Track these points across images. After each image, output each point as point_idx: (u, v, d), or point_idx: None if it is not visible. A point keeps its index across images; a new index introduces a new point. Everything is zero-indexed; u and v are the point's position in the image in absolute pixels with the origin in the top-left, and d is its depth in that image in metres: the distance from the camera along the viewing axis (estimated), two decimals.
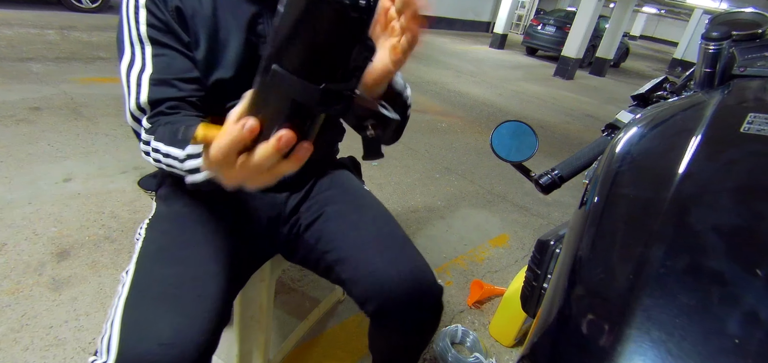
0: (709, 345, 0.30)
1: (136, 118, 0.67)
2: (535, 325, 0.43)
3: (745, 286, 0.33)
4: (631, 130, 0.63)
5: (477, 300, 1.55)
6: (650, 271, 0.36)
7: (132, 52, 0.66)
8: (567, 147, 3.78)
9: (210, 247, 0.71)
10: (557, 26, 9.60)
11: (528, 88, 6.35)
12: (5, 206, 1.58)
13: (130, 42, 0.66)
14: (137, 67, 0.66)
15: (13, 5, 4.88)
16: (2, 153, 1.91)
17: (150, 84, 0.65)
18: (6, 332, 1.11)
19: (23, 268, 1.32)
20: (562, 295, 0.41)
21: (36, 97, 2.56)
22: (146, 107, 0.65)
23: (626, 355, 0.30)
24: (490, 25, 14.24)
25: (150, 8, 0.66)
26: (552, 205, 2.52)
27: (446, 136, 3.42)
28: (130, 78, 0.66)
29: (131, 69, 0.66)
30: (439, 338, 1.31)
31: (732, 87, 0.75)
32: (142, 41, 0.66)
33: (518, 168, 0.92)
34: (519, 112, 4.78)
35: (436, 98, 4.58)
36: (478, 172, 2.80)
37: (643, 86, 1.06)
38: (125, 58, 0.66)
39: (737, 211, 0.41)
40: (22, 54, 3.32)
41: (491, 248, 1.96)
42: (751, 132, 0.51)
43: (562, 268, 0.45)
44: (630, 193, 0.49)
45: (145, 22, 0.65)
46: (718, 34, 0.81)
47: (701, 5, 11.69)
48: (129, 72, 0.66)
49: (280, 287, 1.44)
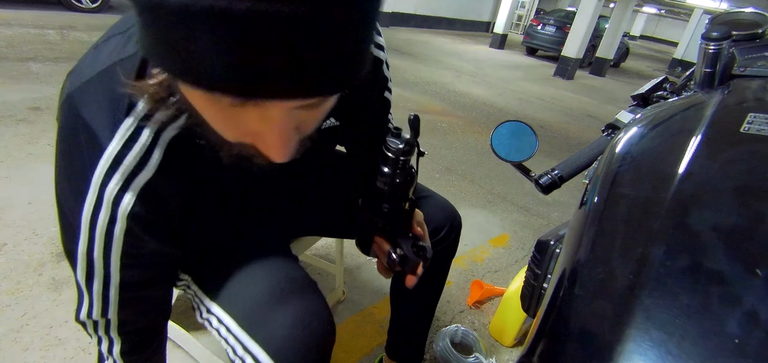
0: (709, 345, 0.30)
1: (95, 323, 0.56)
2: (535, 325, 0.43)
3: (745, 286, 0.33)
4: (631, 130, 0.63)
5: (477, 300, 1.55)
6: (650, 271, 0.36)
7: (88, 268, 0.51)
8: (567, 147, 3.78)
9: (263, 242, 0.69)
10: (557, 26, 9.60)
11: (528, 88, 6.35)
12: (5, 206, 1.58)
13: (88, 257, 0.49)
14: (98, 283, 0.52)
15: (13, 5, 4.88)
16: (2, 153, 1.91)
17: (118, 307, 0.53)
18: (6, 332, 1.11)
19: (23, 268, 1.32)
20: (562, 295, 0.41)
21: (36, 97, 2.56)
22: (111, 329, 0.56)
23: (626, 355, 0.30)
24: (490, 25, 14.24)
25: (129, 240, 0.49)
26: (552, 205, 2.51)
27: (446, 136, 3.42)
28: (91, 290, 0.52)
29: (92, 282, 0.52)
30: (439, 338, 1.31)
31: (732, 87, 0.75)
32: (109, 267, 0.51)
33: (518, 168, 0.92)
34: (519, 112, 4.78)
35: (436, 98, 4.58)
36: (478, 172, 2.80)
37: (643, 86, 1.06)
38: (79, 268, 0.51)
39: (737, 211, 0.41)
40: (22, 54, 3.32)
41: (491, 248, 1.96)
42: (751, 132, 0.51)
43: (562, 268, 0.45)
44: (630, 193, 0.49)
45: (120, 252, 0.50)
46: (718, 34, 0.81)
47: (701, 5, 11.69)
48: (89, 283, 0.52)
49: None
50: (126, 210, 0.47)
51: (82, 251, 0.49)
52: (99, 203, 0.47)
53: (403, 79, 5.14)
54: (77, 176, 0.47)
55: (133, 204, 0.47)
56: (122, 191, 0.47)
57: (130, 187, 0.47)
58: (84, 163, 0.47)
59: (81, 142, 0.46)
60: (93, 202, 0.47)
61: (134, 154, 0.46)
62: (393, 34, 9.52)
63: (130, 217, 0.48)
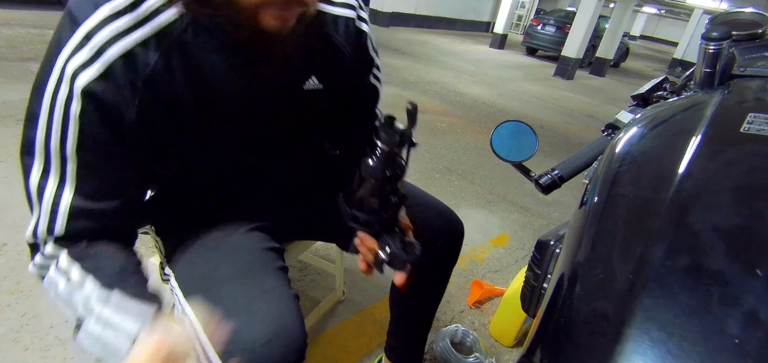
0: (709, 345, 0.30)
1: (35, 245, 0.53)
2: (535, 325, 0.43)
3: (745, 286, 0.33)
4: (631, 130, 0.63)
5: (477, 300, 1.55)
6: (650, 271, 0.36)
7: (45, 163, 0.49)
8: (567, 147, 3.78)
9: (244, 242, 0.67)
10: (557, 26, 9.60)
11: (528, 88, 6.35)
12: (5, 206, 1.58)
13: (46, 151, 0.49)
14: (52, 184, 0.50)
15: (13, 5, 4.88)
16: (2, 153, 1.91)
17: (69, 215, 0.50)
18: (6, 332, 1.11)
19: (23, 268, 1.32)
20: (562, 295, 0.41)
21: None
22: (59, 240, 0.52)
23: (626, 355, 0.30)
24: (490, 25, 14.24)
25: (86, 124, 0.48)
26: (552, 205, 2.51)
27: (446, 136, 3.42)
28: (42, 197, 0.50)
29: (44, 187, 0.50)
30: (439, 338, 1.31)
31: (732, 87, 0.75)
32: (65, 157, 0.49)
33: (518, 168, 0.92)
34: (519, 112, 4.78)
35: (436, 98, 4.58)
36: (478, 172, 2.80)
37: (643, 86, 1.06)
38: (35, 169, 0.50)
39: (737, 211, 0.41)
40: (22, 54, 3.32)
41: (491, 248, 1.96)
42: (751, 132, 0.51)
43: (562, 268, 0.45)
44: (630, 193, 0.49)
45: (76, 137, 0.48)
46: (718, 34, 0.81)
47: (701, 5, 11.69)
48: (40, 189, 0.50)
49: None
50: (81, 86, 0.46)
51: (40, 139, 0.48)
52: (60, 80, 0.46)
53: (403, 79, 5.14)
54: (47, 60, 0.48)
55: (91, 80, 0.47)
56: (83, 67, 0.46)
57: (94, 63, 0.47)
58: (56, 45, 0.47)
59: (61, 29, 0.48)
60: (55, 79, 0.47)
61: (109, 31, 0.47)
62: (393, 34, 9.52)
63: (86, 93, 0.47)
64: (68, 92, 0.47)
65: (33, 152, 0.49)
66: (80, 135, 0.48)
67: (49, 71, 0.47)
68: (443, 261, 0.90)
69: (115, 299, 0.48)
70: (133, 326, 0.46)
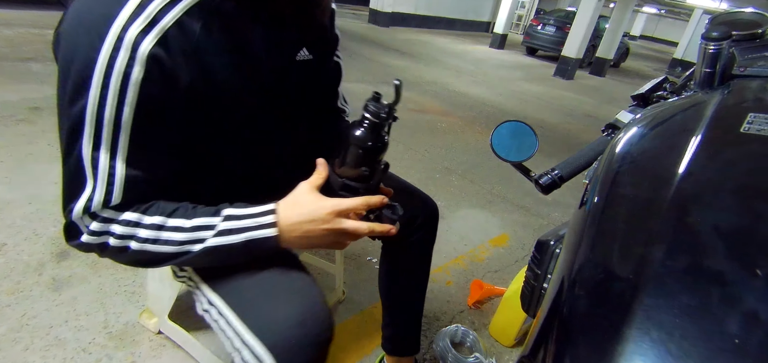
0: (709, 345, 0.30)
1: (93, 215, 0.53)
2: (535, 325, 0.43)
3: (745, 286, 0.33)
4: (631, 130, 0.63)
5: (477, 300, 1.55)
6: (650, 271, 0.36)
7: (96, 134, 0.49)
8: (567, 147, 3.78)
9: None
10: (557, 26, 9.60)
11: (528, 88, 6.35)
12: (5, 206, 1.58)
13: (97, 121, 0.49)
14: (105, 155, 0.51)
15: (13, 5, 4.88)
16: (2, 153, 1.91)
17: (125, 184, 0.52)
18: (6, 332, 1.11)
19: (23, 268, 1.32)
20: (562, 295, 0.41)
21: (36, 97, 2.56)
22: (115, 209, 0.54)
23: (626, 355, 0.30)
24: (490, 25, 14.24)
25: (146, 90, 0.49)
26: (552, 205, 2.51)
27: (446, 136, 3.42)
28: (97, 169, 0.51)
29: (98, 159, 0.50)
30: (439, 338, 1.31)
31: (732, 87, 0.75)
32: (120, 126, 0.50)
33: (518, 168, 0.92)
34: (519, 112, 4.78)
35: (436, 98, 4.58)
36: (478, 172, 2.80)
37: (643, 86, 1.06)
38: (85, 142, 0.49)
39: (737, 211, 0.41)
40: (22, 54, 3.32)
41: (491, 248, 1.96)
42: (751, 132, 0.51)
43: (562, 268, 0.45)
44: (630, 193, 0.49)
45: (134, 104, 0.49)
46: (718, 34, 0.81)
47: (701, 5, 11.69)
48: (95, 161, 0.50)
49: None
50: (145, 51, 0.47)
51: (91, 111, 0.48)
52: (117, 48, 0.47)
53: (403, 79, 5.12)
54: (95, 26, 0.47)
55: (154, 43, 0.48)
56: (143, 33, 0.47)
57: (152, 29, 0.48)
58: (104, 13, 0.47)
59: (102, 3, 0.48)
60: (111, 46, 0.47)
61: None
62: (393, 34, 9.52)
63: (150, 58, 0.48)
64: (129, 58, 0.47)
65: (82, 124, 0.49)
66: (139, 101, 0.49)
67: (99, 42, 0.47)
68: (424, 242, 0.98)
69: (225, 210, 0.57)
70: (268, 205, 0.58)
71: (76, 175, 0.51)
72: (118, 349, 1.13)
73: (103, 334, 1.16)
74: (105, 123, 0.49)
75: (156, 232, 0.55)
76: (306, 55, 0.69)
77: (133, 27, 0.47)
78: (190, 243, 0.56)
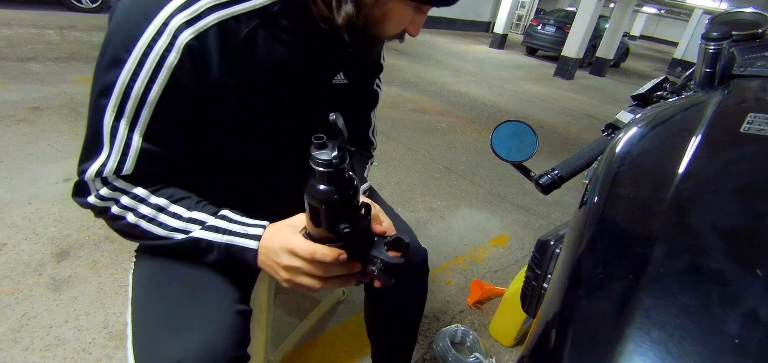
0: (709, 345, 0.30)
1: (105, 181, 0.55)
2: (535, 325, 0.43)
3: (745, 286, 0.33)
4: (631, 130, 0.63)
5: (477, 300, 1.55)
6: (650, 271, 0.36)
7: (120, 105, 0.52)
8: (567, 147, 3.78)
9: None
10: (557, 26, 9.60)
11: (528, 88, 6.35)
12: (5, 206, 1.58)
13: (124, 94, 0.52)
14: (124, 126, 0.53)
15: (13, 5, 4.88)
16: (2, 153, 1.91)
17: (139, 157, 0.55)
18: (6, 332, 1.11)
19: (23, 268, 1.32)
20: (562, 295, 0.41)
21: (36, 97, 2.56)
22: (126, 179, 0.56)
23: (626, 355, 0.30)
24: (490, 25, 14.24)
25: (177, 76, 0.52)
26: (552, 205, 2.51)
27: (446, 136, 3.42)
28: (114, 137, 0.53)
29: (117, 128, 0.53)
30: (439, 338, 1.31)
31: (732, 87, 0.75)
32: (144, 103, 0.53)
33: (518, 168, 0.92)
34: (519, 112, 4.78)
35: (436, 98, 4.58)
36: (478, 172, 2.80)
37: (643, 86, 1.06)
38: (109, 110, 0.53)
39: (737, 211, 0.41)
40: (22, 54, 3.32)
41: (491, 248, 1.96)
42: (751, 132, 0.51)
43: (562, 268, 0.45)
44: (630, 193, 0.49)
45: (163, 85, 0.52)
46: (718, 34, 0.81)
47: (701, 5, 11.69)
48: (114, 130, 0.53)
49: (280, 287, 1.44)
50: (183, 41, 0.51)
51: (121, 82, 0.51)
52: (160, 32, 0.50)
53: (403, 79, 5.14)
54: (146, 7, 0.51)
55: (193, 36, 0.51)
56: (186, 24, 0.51)
57: (195, 23, 0.51)
58: (155, 2, 0.51)
59: None
60: (155, 30, 0.50)
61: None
62: None
63: (187, 48, 0.51)
64: (168, 44, 0.51)
65: (110, 92, 0.52)
66: (168, 83, 0.52)
67: (145, 22, 0.50)
68: (410, 294, 0.86)
69: (223, 211, 0.58)
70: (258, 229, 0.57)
71: (95, 138, 0.54)
72: (118, 350, 1.13)
73: (103, 334, 1.16)
74: (132, 97, 0.52)
75: (156, 212, 0.57)
76: (342, 79, 0.70)
77: (179, 16, 0.51)
78: (177, 231, 0.57)
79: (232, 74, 0.57)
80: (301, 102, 0.67)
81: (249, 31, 0.56)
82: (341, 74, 0.70)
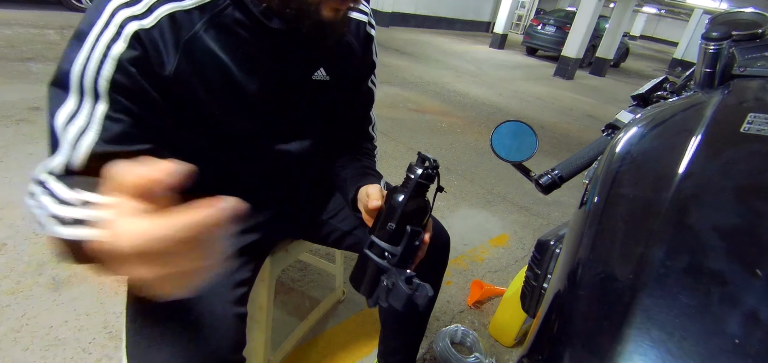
0: (709, 345, 0.30)
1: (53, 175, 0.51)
2: (535, 325, 0.43)
3: (745, 286, 0.33)
4: (631, 130, 0.63)
5: (477, 300, 1.55)
6: (650, 271, 0.36)
7: (78, 101, 0.51)
8: (567, 147, 3.78)
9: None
10: (557, 26, 9.60)
11: (528, 88, 6.35)
12: (5, 206, 1.58)
13: (80, 87, 0.51)
14: (79, 124, 0.51)
15: (13, 5, 4.88)
16: (2, 153, 1.91)
17: (89, 155, 0.51)
18: (6, 332, 1.11)
19: (23, 268, 1.32)
20: (562, 295, 0.41)
21: (36, 97, 2.56)
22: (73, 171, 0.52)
23: (626, 355, 0.30)
24: (490, 25, 14.24)
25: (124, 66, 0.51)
26: (552, 205, 2.51)
27: (446, 136, 3.42)
28: (66, 132, 0.51)
29: (70, 123, 0.51)
30: (439, 338, 1.31)
31: (732, 87, 0.75)
32: (97, 94, 0.51)
33: (518, 168, 0.92)
34: (519, 112, 4.78)
35: (436, 98, 4.58)
36: (478, 172, 2.80)
37: (643, 86, 1.06)
38: (66, 105, 0.51)
39: (737, 211, 0.41)
40: (22, 54, 3.32)
41: (491, 248, 1.96)
42: (751, 132, 0.51)
43: (562, 268, 0.45)
44: (630, 193, 0.49)
45: (111, 75, 0.51)
46: (718, 34, 0.81)
47: (701, 5, 11.69)
48: (67, 125, 0.51)
49: (280, 287, 1.44)
50: (130, 31, 0.51)
51: (75, 73, 0.51)
52: (107, 23, 0.51)
53: (403, 79, 5.14)
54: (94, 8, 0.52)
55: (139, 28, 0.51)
56: (134, 18, 0.51)
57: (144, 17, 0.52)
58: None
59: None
60: (103, 23, 0.51)
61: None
62: (393, 34, 9.52)
63: (134, 37, 0.51)
64: (115, 34, 0.51)
65: (67, 85, 0.51)
66: (115, 74, 0.51)
67: (96, 16, 0.51)
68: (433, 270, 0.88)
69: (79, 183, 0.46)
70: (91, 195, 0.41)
71: (50, 133, 0.52)
72: (118, 350, 1.13)
73: (103, 334, 1.16)
74: (86, 87, 0.51)
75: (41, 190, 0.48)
76: (323, 75, 0.70)
77: (126, 10, 0.51)
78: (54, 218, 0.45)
79: (192, 66, 0.56)
80: (277, 98, 0.66)
81: (203, 23, 0.56)
82: (322, 70, 0.69)
